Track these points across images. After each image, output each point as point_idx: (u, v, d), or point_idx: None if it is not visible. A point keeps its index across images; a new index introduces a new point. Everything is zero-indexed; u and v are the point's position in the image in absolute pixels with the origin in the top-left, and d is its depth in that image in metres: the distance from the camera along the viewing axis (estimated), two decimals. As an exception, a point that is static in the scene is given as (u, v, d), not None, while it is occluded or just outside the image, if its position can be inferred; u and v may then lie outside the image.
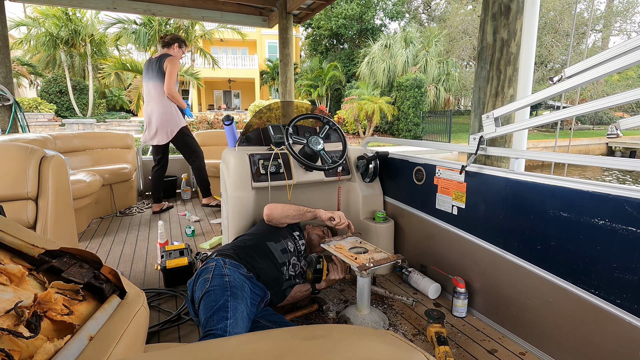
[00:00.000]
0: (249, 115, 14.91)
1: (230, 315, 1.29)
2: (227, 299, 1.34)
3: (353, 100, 14.20)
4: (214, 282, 1.40)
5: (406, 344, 0.51)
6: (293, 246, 1.83)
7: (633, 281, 1.16)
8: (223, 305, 1.32)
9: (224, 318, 1.28)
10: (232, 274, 1.45)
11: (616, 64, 1.17)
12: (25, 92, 16.92)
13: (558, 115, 1.44)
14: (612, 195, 1.20)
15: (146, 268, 2.34)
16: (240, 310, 1.33)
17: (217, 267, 1.47)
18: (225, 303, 1.33)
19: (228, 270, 1.46)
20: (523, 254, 1.51)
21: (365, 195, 2.29)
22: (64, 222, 1.98)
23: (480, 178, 1.70)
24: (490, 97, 2.34)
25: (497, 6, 2.24)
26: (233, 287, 1.39)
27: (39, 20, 14.25)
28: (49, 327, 0.50)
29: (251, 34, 21.56)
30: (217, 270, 1.46)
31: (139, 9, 4.49)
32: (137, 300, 0.67)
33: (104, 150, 3.98)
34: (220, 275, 1.43)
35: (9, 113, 3.84)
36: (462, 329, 1.65)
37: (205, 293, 1.38)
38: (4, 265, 0.52)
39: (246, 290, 1.45)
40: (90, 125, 12.51)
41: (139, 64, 14.15)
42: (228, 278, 1.42)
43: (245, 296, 1.41)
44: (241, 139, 2.20)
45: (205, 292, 1.38)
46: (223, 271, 1.45)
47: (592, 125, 20.53)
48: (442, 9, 24.83)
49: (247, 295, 1.44)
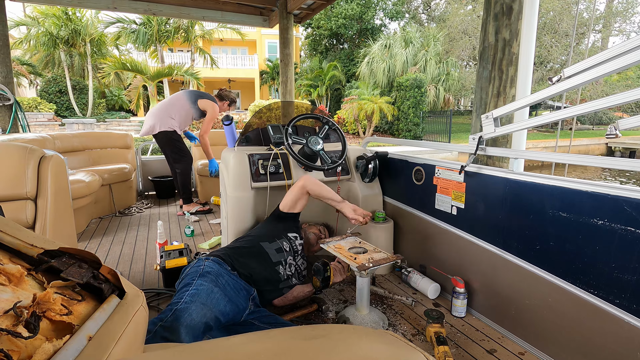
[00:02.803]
0: (249, 115, 14.90)
1: (192, 287, 1.37)
2: (194, 277, 1.44)
3: (353, 100, 14.20)
4: (189, 271, 1.51)
5: (405, 343, 0.51)
6: (288, 245, 1.83)
7: (632, 281, 1.16)
8: (188, 282, 1.42)
9: (185, 291, 1.37)
10: (209, 265, 1.52)
11: (615, 64, 1.17)
12: (24, 92, 16.90)
13: (557, 116, 1.44)
14: (611, 196, 1.20)
15: (145, 268, 2.34)
16: (207, 286, 1.39)
17: (197, 262, 1.57)
18: (190, 281, 1.42)
19: (207, 263, 1.54)
20: (522, 254, 1.52)
21: (364, 196, 2.29)
22: (63, 222, 1.98)
23: (480, 178, 1.70)
24: (492, 98, 2.35)
25: (499, 6, 2.24)
26: (205, 272, 1.47)
27: (39, 19, 14.23)
28: (47, 327, 0.50)
29: (251, 34, 21.54)
30: (197, 263, 1.55)
31: (139, 9, 4.48)
32: (136, 300, 0.67)
33: (103, 150, 3.97)
34: (196, 266, 1.53)
35: (9, 113, 3.84)
36: (461, 329, 1.66)
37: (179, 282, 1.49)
38: (3, 265, 0.52)
39: (224, 277, 1.50)
40: (90, 125, 12.49)
41: (138, 64, 14.14)
42: (203, 267, 1.51)
43: (220, 281, 1.47)
44: (240, 139, 2.20)
45: (179, 281, 1.50)
46: (201, 264, 1.53)
47: (592, 126, 20.55)
48: (441, 9, 24.84)
49: (226, 281, 1.49)
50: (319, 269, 1.74)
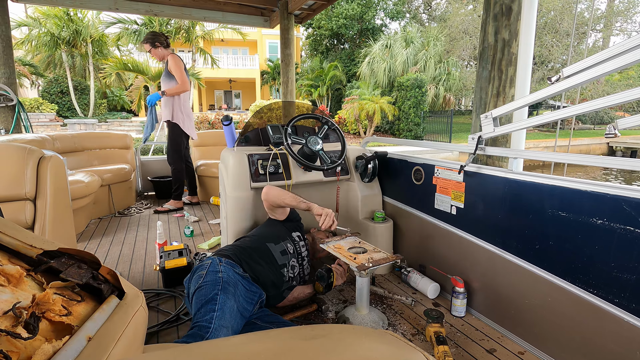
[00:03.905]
0: (250, 116, 14.89)
1: (218, 308, 1.32)
2: (217, 292, 1.37)
3: (354, 100, 14.20)
4: (207, 278, 1.43)
5: (405, 343, 0.51)
6: (292, 248, 1.83)
7: (631, 280, 1.16)
8: (212, 298, 1.35)
9: (211, 310, 1.31)
10: (226, 271, 1.47)
11: (615, 64, 1.17)
12: (26, 93, 16.93)
13: (557, 115, 1.44)
14: (611, 195, 1.20)
15: (145, 268, 2.34)
16: (229, 305, 1.35)
17: (212, 264, 1.49)
18: (215, 296, 1.35)
19: (223, 267, 1.48)
20: (522, 254, 1.52)
21: (364, 195, 2.29)
22: (62, 222, 1.98)
23: (479, 178, 1.70)
24: (491, 97, 2.35)
25: (499, 7, 2.25)
26: (225, 283, 1.41)
27: (41, 20, 14.26)
28: (47, 328, 0.50)
29: (252, 34, 21.54)
30: (212, 267, 1.48)
31: (140, 10, 4.49)
32: (135, 300, 0.67)
33: (102, 151, 3.98)
34: (214, 272, 1.45)
35: (12, 113, 3.85)
36: (461, 329, 1.66)
37: (197, 288, 1.41)
38: (2, 266, 0.52)
39: (239, 287, 1.46)
40: (92, 126, 12.51)
41: (140, 64, 14.14)
42: (221, 274, 1.44)
43: (237, 293, 1.43)
44: (240, 139, 2.20)
45: (197, 287, 1.41)
46: (217, 268, 1.47)
47: (593, 125, 20.50)
48: (442, 8, 24.82)
49: (240, 292, 1.45)
50: (322, 275, 1.74)
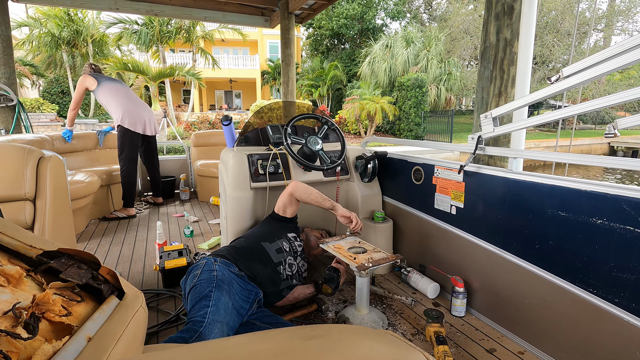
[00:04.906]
0: (250, 116, 14.89)
1: (212, 304, 1.34)
2: (212, 289, 1.39)
3: (354, 100, 14.20)
4: (202, 277, 1.45)
5: (405, 343, 0.51)
6: (288, 246, 1.84)
7: (631, 280, 1.16)
8: (206, 295, 1.37)
9: (205, 306, 1.33)
10: (220, 270, 1.48)
11: (614, 63, 1.17)
12: (27, 93, 16.94)
13: (557, 115, 1.44)
14: (610, 195, 1.20)
15: (145, 269, 2.34)
16: (224, 301, 1.37)
17: (207, 264, 1.51)
18: (209, 293, 1.37)
19: (217, 266, 1.50)
20: (521, 254, 1.52)
21: (364, 195, 2.29)
22: (62, 222, 1.99)
23: (479, 178, 1.70)
24: (493, 97, 2.35)
25: (500, 6, 2.24)
26: (219, 281, 1.43)
27: (41, 20, 14.27)
28: (47, 328, 0.50)
29: (252, 34, 21.55)
30: (207, 266, 1.50)
31: (141, 10, 4.49)
32: (135, 301, 0.67)
33: (102, 151, 3.98)
34: (209, 270, 1.48)
35: (12, 113, 3.85)
36: (461, 329, 1.66)
37: (192, 287, 1.43)
38: (2, 267, 0.52)
39: (234, 285, 1.47)
40: (93, 125, 12.52)
41: (140, 64, 14.14)
42: (216, 273, 1.46)
43: (232, 290, 1.44)
44: (240, 139, 2.20)
45: (192, 285, 1.43)
46: (212, 267, 1.49)
47: (594, 125, 20.47)
48: (443, 8, 24.79)
49: (236, 290, 1.47)
50: (332, 277, 1.74)
